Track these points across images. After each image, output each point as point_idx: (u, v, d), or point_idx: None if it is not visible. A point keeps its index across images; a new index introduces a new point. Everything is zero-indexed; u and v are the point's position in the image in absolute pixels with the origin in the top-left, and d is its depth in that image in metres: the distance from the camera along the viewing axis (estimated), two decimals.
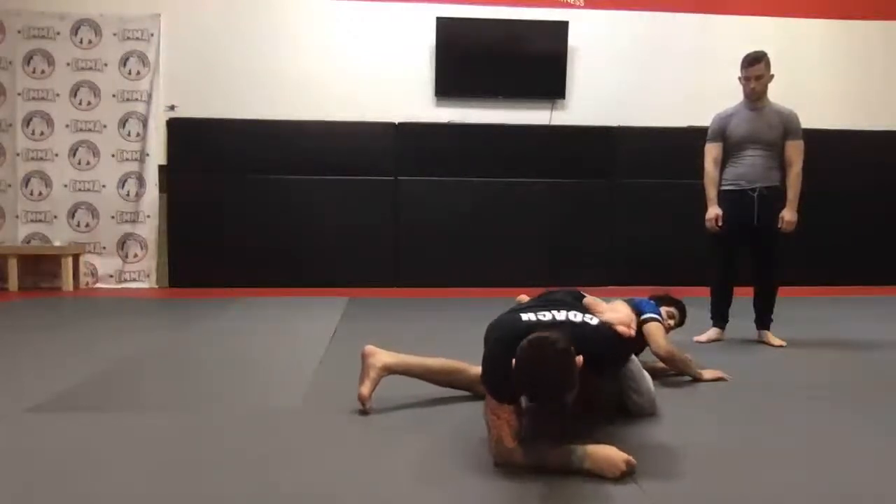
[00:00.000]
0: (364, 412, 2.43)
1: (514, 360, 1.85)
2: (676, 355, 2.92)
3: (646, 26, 6.78)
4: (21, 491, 1.81)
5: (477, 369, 2.61)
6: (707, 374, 3.01)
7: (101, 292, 6.18)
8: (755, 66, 3.75)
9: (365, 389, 2.44)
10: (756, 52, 3.80)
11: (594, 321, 2.14)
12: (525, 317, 2.13)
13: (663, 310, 3.08)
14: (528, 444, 1.93)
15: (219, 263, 6.39)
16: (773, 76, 3.81)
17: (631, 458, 1.88)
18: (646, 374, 2.51)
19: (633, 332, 2.18)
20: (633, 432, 2.28)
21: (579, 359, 1.85)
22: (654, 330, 2.89)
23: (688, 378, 2.98)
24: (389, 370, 2.51)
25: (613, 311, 2.29)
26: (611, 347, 2.12)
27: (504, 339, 2.03)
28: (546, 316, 2.12)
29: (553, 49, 6.61)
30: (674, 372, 3.00)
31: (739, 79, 3.84)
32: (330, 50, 6.57)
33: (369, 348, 2.53)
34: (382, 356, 2.52)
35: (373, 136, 6.54)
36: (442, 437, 2.23)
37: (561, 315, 2.13)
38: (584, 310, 2.25)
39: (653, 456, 2.06)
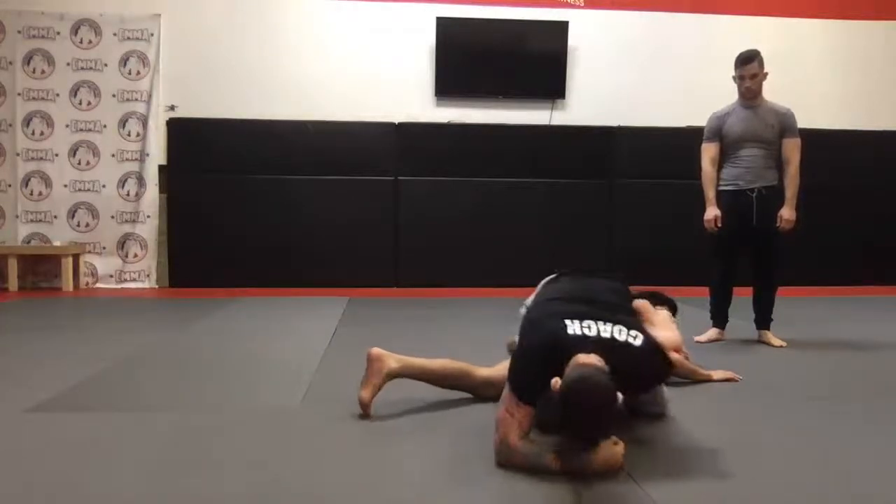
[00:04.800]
0: (365, 416, 2.43)
1: (559, 389, 1.83)
2: (681, 364, 2.91)
3: (646, 26, 6.78)
4: (21, 491, 1.81)
5: (482, 371, 2.61)
6: (717, 374, 3.00)
7: (101, 292, 6.18)
8: (749, 65, 3.75)
9: (367, 395, 2.41)
10: (749, 51, 3.80)
11: (638, 342, 2.03)
12: (571, 329, 2.02)
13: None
14: (531, 448, 1.94)
15: (219, 263, 6.39)
16: (767, 74, 3.81)
17: (618, 441, 1.90)
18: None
19: (682, 357, 2.14)
20: (633, 432, 2.27)
21: (619, 397, 1.82)
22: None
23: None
24: (394, 376, 2.47)
25: (665, 327, 2.22)
26: (652, 372, 2.08)
27: (544, 347, 2.01)
28: (591, 330, 2.01)
29: (553, 49, 6.61)
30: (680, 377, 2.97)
31: (734, 78, 3.84)
32: (330, 50, 6.57)
33: (376, 351, 2.47)
34: (388, 361, 2.45)
35: (373, 136, 6.54)
36: (442, 438, 2.23)
37: (606, 330, 2.02)
38: (630, 317, 2.17)
39: (653, 455, 2.07)
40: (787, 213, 3.79)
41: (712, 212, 3.88)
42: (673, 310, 3.24)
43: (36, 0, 6.29)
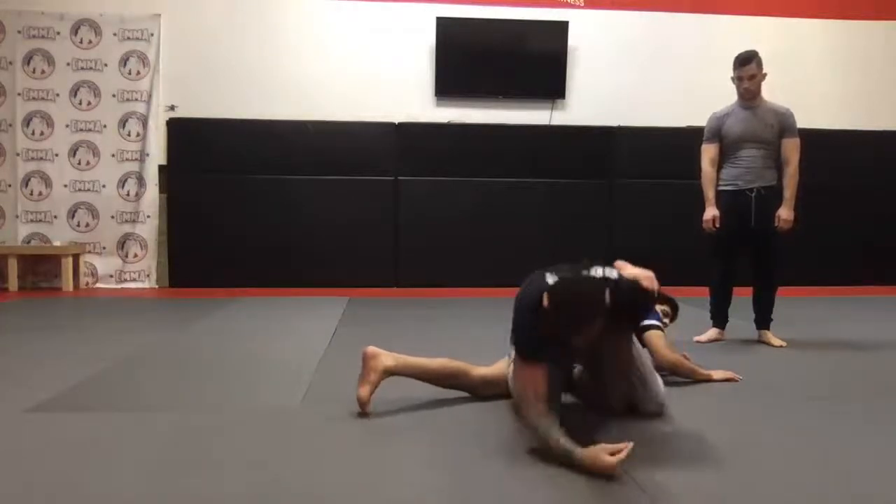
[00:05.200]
0: (363, 414, 2.43)
1: (545, 303, 2.01)
2: (680, 363, 2.91)
3: (646, 26, 6.78)
4: (21, 491, 1.81)
5: (479, 371, 2.63)
6: (717, 374, 3.00)
7: (101, 292, 6.18)
8: (747, 66, 3.76)
9: (364, 392, 2.42)
10: (747, 52, 3.80)
11: (614, 274, 2.21)
12: (550, 279, 2.17)
13: (658, 308, 3.07)
14: (544, 421, 2.01)
15: (219, 263, 6.39)
16: (765, 75, 3.81)
17: (619, 453, 1.88)
18: (656, 374, 2.51)
19: (655, 286, 2.28)
20: (634, 431, 2.27)
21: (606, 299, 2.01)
22: (656, 339, 2.85)
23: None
24: (390, 373, 2.49)
25: (635, 269, 2.37)
26: (632, 297, 2.21)
27: (530, 297, 2.15)
28: (569, 274, 2.19)
29: (553, 49, 6.61)
30: (681, 377, 2.97)
31: (732, 79, 3.85)
32: (330, 50, 6.57)
33: (371, 350, 2.50)
34: (384, 359, 2.48)
35: (373, 136, 6.54)
36: (442, 437, 2.23)
37: (583, 271, 2.20)
38: (606, 265, 2.31)
39: (652, 455, 2.07)
40: (785, 213, 3.79)
41: (711, 212, 3.88)
42: (674, 310, 3.25)
43: (36, 0, 6.30)
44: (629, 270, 2.32)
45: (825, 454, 2.13)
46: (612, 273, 2.21)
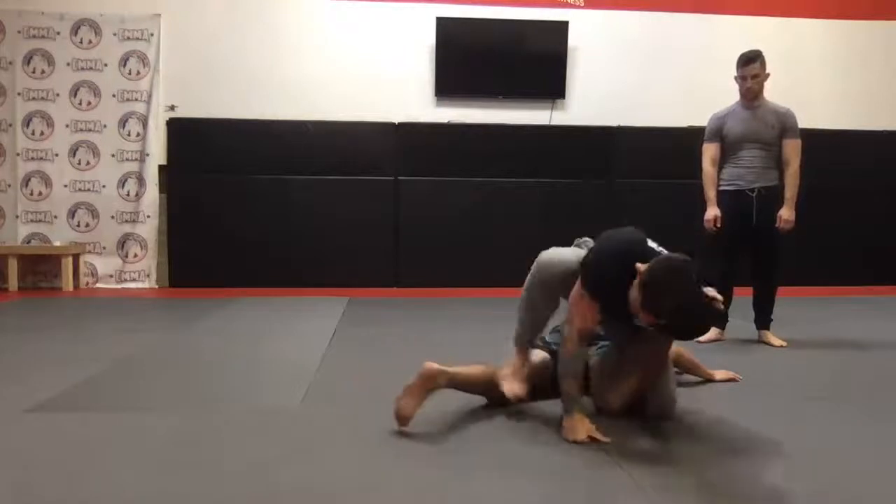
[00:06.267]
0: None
1: (643, 273, 2.08)
2: (682, 355, 2.92)
3: (646, 26, 6.78)
4: (21, 491, 1.81)
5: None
6: (719, 374, 3.00)
7: (101, 292, 6.18)
8: (750, 66, 3.77)
9: (409, 410, 2.23)
10: (751, 52, 3.81)
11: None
12: (650, 243, 2.34)
13: None
14: (578, 365, 2.26)
15: (219, 263, 6.39)
16: (768, 75, 3.82)
17: (594, 438, 2.14)
18: (672, 376, 2.51)
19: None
20: (634, 430, 2.28)
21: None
22: None
23: (691, 379, 2.97)
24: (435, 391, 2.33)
25: None
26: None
27: (620, 251, 2.27)
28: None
29: (553, 49, 6.61)
30: (682, 371, 2.97)
31: (735, 78, 3.85)
32: (330, 50, 6.57)
33: (434, 369, 2.28)
34: (440, 380, 2.29)
35: (373, 136, 6.54)
36: (442, 437, 2.23)
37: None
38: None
39: (651, 454, 2.07)
40: (786, 214, 3.80)
41: (712, 212, 3.89)
42: None
43: (36, 0, 6.30)
44: None
45: (825, 454, 2.13)
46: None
